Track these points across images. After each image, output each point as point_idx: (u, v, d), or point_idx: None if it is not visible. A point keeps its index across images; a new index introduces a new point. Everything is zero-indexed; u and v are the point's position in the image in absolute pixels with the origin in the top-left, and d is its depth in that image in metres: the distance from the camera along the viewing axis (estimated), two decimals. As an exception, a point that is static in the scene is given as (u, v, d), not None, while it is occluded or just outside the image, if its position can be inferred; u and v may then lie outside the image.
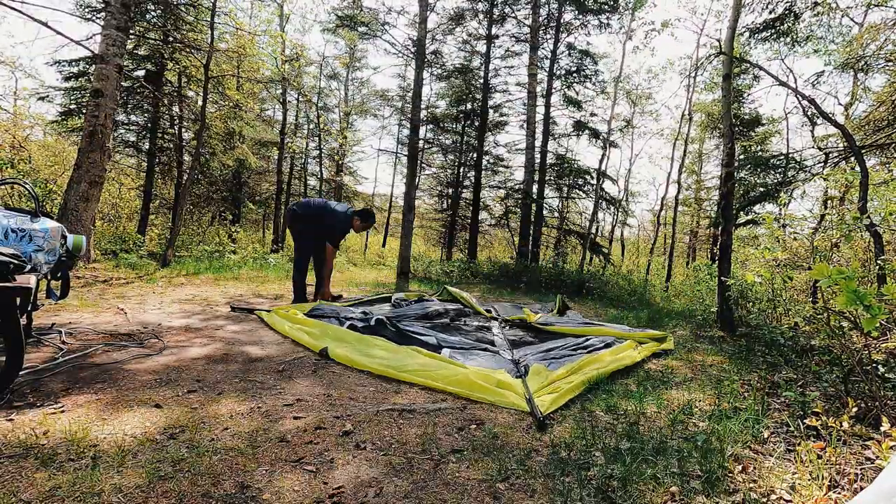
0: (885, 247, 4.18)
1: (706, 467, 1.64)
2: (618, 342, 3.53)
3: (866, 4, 6.83)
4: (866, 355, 2.32)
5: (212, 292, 5.24)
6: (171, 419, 1.87)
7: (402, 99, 16.64)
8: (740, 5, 5.07)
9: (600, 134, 11.19)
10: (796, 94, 5.73)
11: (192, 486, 1.42)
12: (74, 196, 5.65)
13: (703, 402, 2.44)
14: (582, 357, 3.05)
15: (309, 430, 1.86)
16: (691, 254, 18.82)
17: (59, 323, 3.26)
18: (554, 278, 8.30)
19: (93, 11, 8.48)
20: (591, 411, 2.23)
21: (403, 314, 4.35)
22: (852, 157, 4.92)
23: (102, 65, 5.76)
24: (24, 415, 1.82)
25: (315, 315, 3.97)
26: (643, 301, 7.35)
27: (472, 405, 2.26)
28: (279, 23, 14.70)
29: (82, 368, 2.41)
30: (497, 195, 14.10)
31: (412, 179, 8.12)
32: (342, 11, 9.73)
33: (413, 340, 3.33)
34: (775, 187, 5.77)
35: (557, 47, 10.64)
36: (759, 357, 3.43)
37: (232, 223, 12.39)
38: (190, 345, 3.01)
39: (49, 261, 2.29)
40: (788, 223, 5.52)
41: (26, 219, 2.23)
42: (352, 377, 2.60)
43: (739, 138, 11.85)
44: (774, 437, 1.99)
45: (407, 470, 1.61)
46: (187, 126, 10.84)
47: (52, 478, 1.41)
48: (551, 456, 1.75)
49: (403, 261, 7.66)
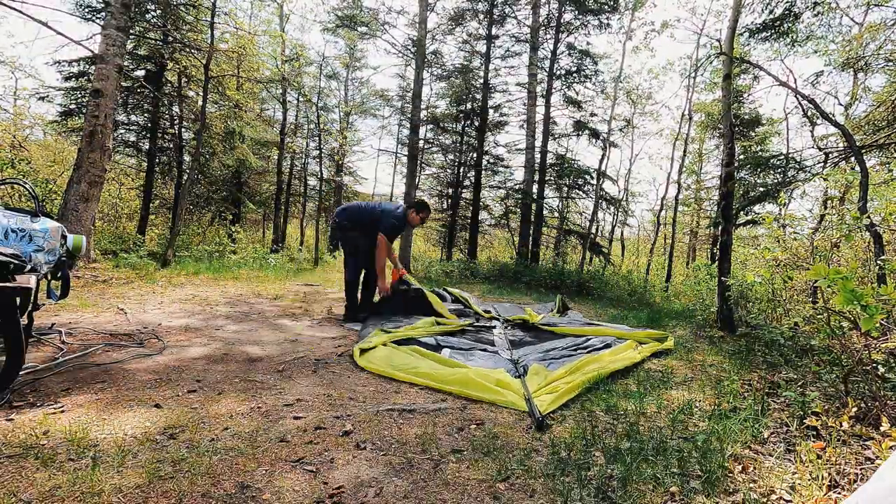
0: (885, 247, 4.18)
1: (706, 467, 1.64)
2: (618, 342, 3.53)
3: (866, 4, 6.83)
4: (866, 355, 2.32)
5: (212, 292, 5.24)
6: (171, 419, 1.87)
7: (402, 99, 16.63)
8: (740, 5, 5.07)
9: (600, 134, 11.19)
10: (796, 94, 5.73)
11: (192, 486, 1.42)
12: (74, 196, 5.65)
13: (703, 402, 2.44)
14: (581, 357, 3.05)
15: (309, 430, 1.86)
16: (691, 254, 18.81)
17: (59, 323, 3.26)
18: (554, 278, 8.30)
19: (93, 11, 8.49)
20: (591, 411, 2.23)
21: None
22: (852, 157, 4.92)
23: (102, 65, 5.77)
24: (24, 415, 1.82)
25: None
26: (643, 301, 7.35)
27: (472, 405, 2.25)
28: (279, 23, 14.71)
29: (82, 368, 2.41)
30: (497, 195, 14.10)
31: (412, 179, 8.12)
32: (342, 11, 9.74)
33: (412, 341, 3.33)
34: (775, 187, 5.77)
35: (557, 47, 10.65)
36: (759, 357, 3.43)
37: (232, 223, 12.38)
38: (190, 345, 3.01)
39: (49, 261, 2.29)
40: (788, 223, 5.51)
41: (26, 219, 2.23)
42: (352, 377, 2.60)
43: (739, 138, 11.85)
44: (774, 437, 1.99)
45: (407, 470, 1.61)
46: (187, 126, 10.84)
47: (52, 478, 1.41)
48: (551, 456, 1.75)
49: (403, 261, 7.66)
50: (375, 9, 9.22)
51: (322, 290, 6.32)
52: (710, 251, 15.20)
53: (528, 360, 3.01)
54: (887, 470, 0.88)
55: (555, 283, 8.11)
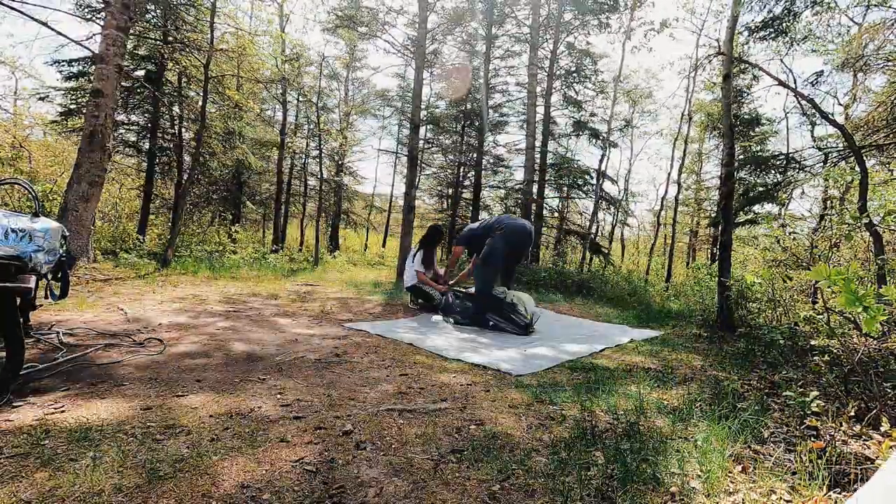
0: (885, 247, 4.18)
1: (706, 467, 1.64)
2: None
3: (866, 4, 6.83)
4: (866, 355, 2.32)
5: (212, 292, 5.24)
6: (171, 419, 1.87)
7: (402, 99, 16.63)
8: (739, 4, 5.07)
9: (600, 134, 11.19)
10: (796, 94, 5.73)
11: (192, 486, 1.42)
12: (74, 196, 5.65)
13: (703, 402, 2.44)
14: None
15: (309, 430, 1.86)
16: (691, 254, 18.80)
17: (59, 322, 3.26)
18: (554, 278, 8.30)
19: (93, 11, 8.48)
20: (591, 411, 2.23)
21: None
22: (852, 157, 4.91)
23: (102, 65, 5.76)
24: (24, 415, 1.82)
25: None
26: (643, 301, 7.35)
27: (472, 405, 2.26)
28: (279, 23, 14.69)
29: (82, 368, 2.41)
30: (497, 195, 14.10)
31: (412, 179, 8.12)
32: (342, 12, 9.73)
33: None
34: (775, 187, 5.76)
35: (557, 47, 10.65)
36: (759, 357, 3.43)
37: (232, 223, 12.38)
38: (190, 344, 3.01)
39: (49, 261, 2.29)
40: (788, 223, 5.51)
41: (26, 219, 2.23)
42: (352, 377, 2.60)
43: (739, 138, 11.84)
44: (774, 437, 1.99)
45: (407, 470, 1.61)
46: (187, 126, 10.83)
47: (52, 478, 1.41)
48: (551, 456, 1.75)
49: (404, 260, 7.65)
50: (375, 9, 9.20)
51: (322, 289, 6.32)
52: (710, 251, 15.20)
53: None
54: (888, 471, 0.88)
55: (555, 283, 8.10)
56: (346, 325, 4.05)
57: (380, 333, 3.78)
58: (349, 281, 7.48)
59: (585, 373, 2.96)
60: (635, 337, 4.18)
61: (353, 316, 4.57)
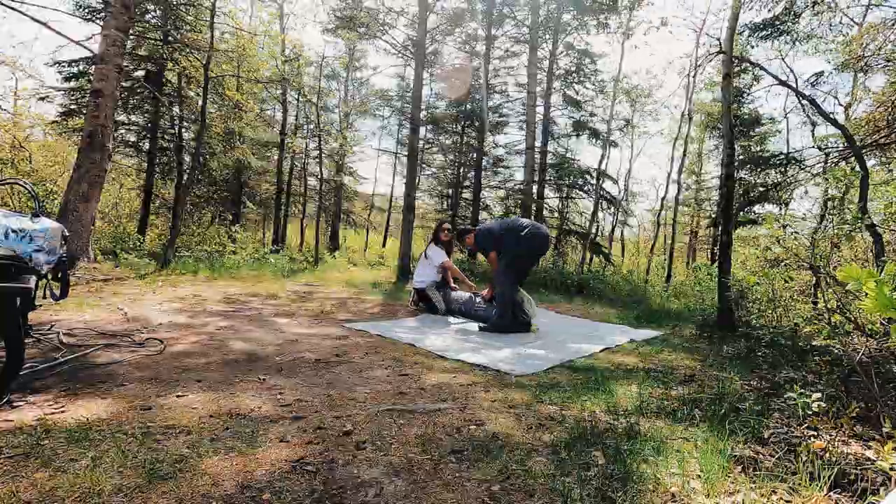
0: (885, 247, 4.17)
1: (706, 467, 1.64)
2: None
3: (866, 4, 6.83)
4: (867, 355, 2.31)
5: (211, 292, 5.24)
6: (171, 419, 1.87)
7: (402, 99, 16.62)
8: (740, 3, 5.07)
9: (600, 134, 11.19)
10: (796, 93, 5.73)
11: (191, 486, 1.42)
12: (74, 196, 5.65)
13: (703, 402, 2.44)
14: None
15: (309, 430, 1.86)
16: (691, 254, 18.80)
17: (59, 322, 3.26)
18: (554, 278, 8.29)
19: (93, 12, 8.49)
20: (591, 411, 2.23)
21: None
22: (852, 157, 4.91)
23: (102, 65, 5.77)
24: (24, 414, 1.82)
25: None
26: (643, 301, 7.34)
27: (471, 405, 2.25)
28: (279, 23, 14.70)
29: (82, 368, 2.41)
30: (497, 195, 14.09)
31: (412, 179, 8.12)
32: (341, 12, 9.74)
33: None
34: (775, 187, 5.76)
35: (556, 47, 10.65)
36: (759, 357, 3.42)
37: (232, 223, 12.38)
38: (190, 345, 3.01)
39: (49, 261, 2.29)
40: (788, 223, 5.51)
41: (26, 219, 2.23)
42: (352, 377, 2.60)
43: (739, 138, 11.84)
44: (775, 438, 1.99)
45: (407, 470, 1.60)
46: (187, 126, 10.84)
47: (52, 478, 1.41)
48: (551, 456, 1.75)
49: (403, 260, 7.66)
50: (375, 9, 9.20)
51: (322, 289, 6.32)
52: (710, 251, 15.19)
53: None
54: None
55: (555, 283, 8.10)
56: (345, 325, 4.04)
57: (380, 333, 3.78)
58: (349, 281, 7.48)
59: (585, 373, 2.96)
60: (635, 337, 4.19)
61: (353, 316, 4.57)
